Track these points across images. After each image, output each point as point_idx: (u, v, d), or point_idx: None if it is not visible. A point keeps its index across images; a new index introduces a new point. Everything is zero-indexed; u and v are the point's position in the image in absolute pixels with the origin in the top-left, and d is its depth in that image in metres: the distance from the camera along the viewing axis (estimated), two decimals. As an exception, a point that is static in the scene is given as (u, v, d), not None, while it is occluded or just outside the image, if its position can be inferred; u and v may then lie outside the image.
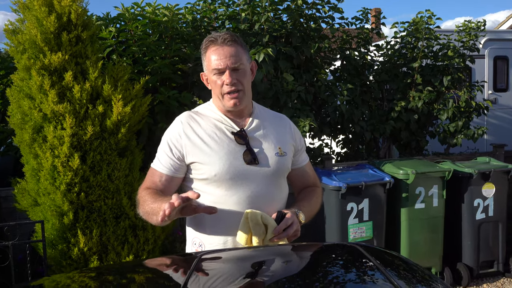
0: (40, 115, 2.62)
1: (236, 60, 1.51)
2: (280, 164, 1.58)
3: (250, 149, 1.53)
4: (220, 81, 1.51)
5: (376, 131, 4.21)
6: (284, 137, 1.65)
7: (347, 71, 4.38)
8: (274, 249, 1.21)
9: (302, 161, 1.74)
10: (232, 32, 1.58)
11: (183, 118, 1.58)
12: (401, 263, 1.06)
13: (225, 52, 1.50)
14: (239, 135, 1.54)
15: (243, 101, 1.55)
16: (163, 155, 1.55)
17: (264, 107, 1.75)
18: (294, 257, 1.14)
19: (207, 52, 1.54)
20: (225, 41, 1.51)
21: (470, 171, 3.49)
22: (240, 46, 1.54)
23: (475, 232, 3.58)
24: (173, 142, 1.54)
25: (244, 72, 1.54)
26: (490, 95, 6.74)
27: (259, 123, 1.61)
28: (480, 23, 4.58)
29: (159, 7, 3.66)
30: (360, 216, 3.26)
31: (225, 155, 1.50)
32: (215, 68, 1.51)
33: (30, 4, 2.76)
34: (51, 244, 2.62)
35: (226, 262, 1.10)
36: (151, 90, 3.32)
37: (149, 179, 1.57)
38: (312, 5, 4.10)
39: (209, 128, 1.55)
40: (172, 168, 1.53)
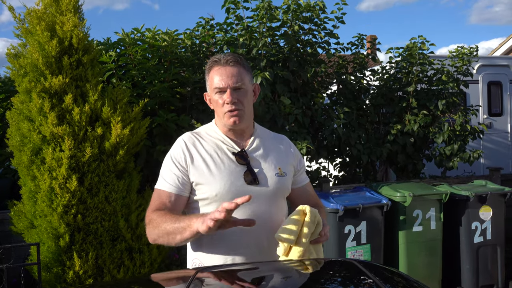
0: (39, 137, 2.63)
1: (238, 80, 1.54)
2: (280, 184, 1.59)
3: (250, 169, 1.54)
4: (221, 100, 1.54)
5: (373, 154, 4.24)
6: (284, 157, 1.67)
7: (344, 95, 4.45)
8: (272, 265, 1.21)
9: (302, 180, 1.76)
10: (236, 54, 1.63)
11: (185, 138, 1.60)
12: (401, 279, 1.06)
13: (227, 72, 1.53)
14: (240, 155, 1.56)
15: (243, 120, 1.57)
16: (169, 174, 1.55)
17: (265, 128, 1.78)
18: (293, 273, 1.14)
19: (210, 72, 1.58)
20: (228, 62, 1.55)
21: (467, 194, 3.50)
22: (243, 67, 1.58)
23: (474, 255, 3.56)
24: (177, 160, 1.55)
25: (246, 92, 1.57)
26: (485, 120, 6.82)
27: (260, 143, 1.64)
28: (473, 49, 4.69)
29: (159, 32, 3.74)
30: (358, 238, 3.24)
31: (226, 175, 1.51)
32: (216, 87, 1.54)
33: (32, 29, 2.82)
34: (46, 267, 2.59)
35: (224, 278, 1.09)
36: (150, 113, 3.36)
37: (157, 200, 1.54)
38: (309, 31, 4.20)
39: (210, 148, 1.57)
40: (180, 186, 1.53)
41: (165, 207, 1.51)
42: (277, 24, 4.12)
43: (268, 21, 3.98)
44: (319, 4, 4.09)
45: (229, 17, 4.07)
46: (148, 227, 1.50)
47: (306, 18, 4.11)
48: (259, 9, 3.98)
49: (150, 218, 1.49)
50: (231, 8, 4.04)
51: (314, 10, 4.12)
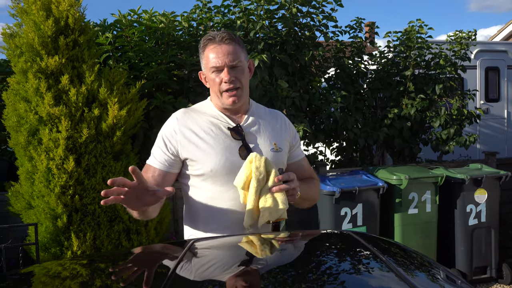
0: (36, 118, 2.62)
1: (234, 57, 1.52)
2: (276, 159, 1.58)
3: (246, 144, 1.54)
4: (218, 79, 1.53)
5: (370, 138, 4.25)
6: (280, 133, 1.66)
7: (341, 79, 4.44)
8: (268, 237, 1.22)
9: (297, 155, 1.76)
10: (230, 31, 1.61)
11: (178, 115, 1.59)
12: (398, 250, 1.08)
13: (223, 50, 1.51)
14: (235, 130, 1.56)
15: (242, 98, 1.57)
16: (158, 151, 1.56)
17: (261, 105, 1.77)
18: (289, 244, 1.15)
19: (205, 50, 1.56)
20: (223, 39, 1.52)
21: (462, 177, 3.53)
22: (238, 44, 1.56)
23: (468, 238, 3.61)
24: (168, 137, 1.55)
25: (242, 69, 1.56)
26: (482, 105, 6.84)
27: (255, 119, 1.63)
28: (471, 33, 4.67)
29: (156, 14, 3.70)
30: (354, 221, 3.28)
31: (221, 150, 1.51)
32: (213, 66, 1.52)
33: (28, 8, 2.78)
34: (44, 248, 2.61)
35: (218, 248, 1.10)
36: (147, 95, 3.34)
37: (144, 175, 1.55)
38: (307, 14, 4.17)
39: (204, 124, 1.56)
40: (166, 163, 1.54)
41: (150, 182, 1.50)
42: (275, 7, 4.09)
43: (266, 3, 3.95)
44: (317, -14, 4.06)
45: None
46: None
47: (304, 0, 4.08)
48: (257, -9, 3.94)
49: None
50: (229, -10, 4.00)
51: (312, -8, 4.08)
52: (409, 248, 1.12)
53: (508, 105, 7.13)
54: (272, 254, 1.06)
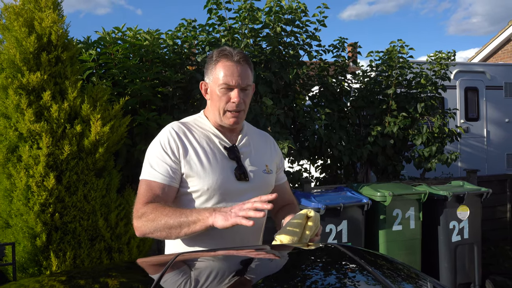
0: (16, 135, 2.57)
1: (247, 81, 1.53)
2: (267, 181, 1.61)
3: (241, 165, 1.54)
4: (226, 97, 1.51)
5: (354, 155, 4.29)
6: (270, 155, 1.68)
7: (325, 97, 4.49)
8: (255, 251, 1.20)
9: (281, 178, 1.78)
10: (246, 53, 1.61)
11: (175, 127, 1.54)
12: (385, 262, 1.07)
13: (239, 71, 1.50)
14: (231, 150, 1.55)
15: (242, 120, 1.58)
16: (159, 163, 1.47)
17: (249, 124, 1.76)
18: (277, 258, 1.14)
19: (218, 64, 1.52)
20: (240, 60, 1.51)
21: (445, 194, 3.57)
22: (250, 67, 1.56)
23: (452, 254, 3.63)
24: (169, 149, 1.48)
25: (249, 94, 1.57)
26: (462, 124, 6.99)
27: (249, 140, 1.63)
28: (450, 54, 4.80)
29: (140, 32, 3.71)
30: (339, 237, 3.27)
31: (219, 170, 1.49)
32: (225, 83, 1.50)
33: (10, 25, 2.76)
34: (22, 268, 2.53)
35: (203, 262, 1.08)
36: (131, 112, 3.32)
37: (148, 192, 1.45)
38: (291, 33, 4.23)
39: (202, 140, 1.53)
40: (173, 175, 1.47)
41: (159, 199, 1.44)
42: (259, 26, 4.15)
43: (250, 22, 4.00)
44: (301, 7, 4.14)
45: (211, 18, 4.07)
46: (139, 220, 1.41)
47: (288, 20, 4.15)
48: (241, 10, 4.00)
49: (143, 212, 1.40)
50: (213, 9, 4.04)
51: (296, 12, 4.16)
52: (396, 260, 1.12)
53: (488, 124, 7.30)
54: (260, 268, 1.04)
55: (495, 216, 4.79)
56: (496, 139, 7.33)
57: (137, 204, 1.46)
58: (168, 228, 1.35)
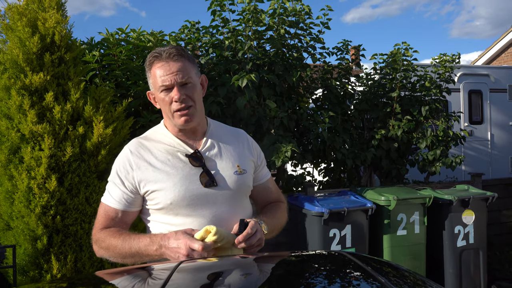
0: (18, 136, 2.55)
1: (184, 74, 1.42)
2: (240, 182, 1.49)
3: (206, 170, 1.44)
4: (168, 98, 1.42)
5: (358, 158, 4.26)
6: (243, 153, 1.57)
7: (329, 100, 4.46)
8: (260, 258, 1.18)
9: (263, 176, 1.67)
10: (178, 46, 1.50)
11: (131, 147, 1.49)
12: (391, 269, 1.04)
13: (172, 68, 1.41)
14: (194, 157, 1.46)
15: (195, 117, 1.47)
16: (115, 189, 1.45)
17: (220, 122, 1.67)
18: (282, 265, 1.11)
19: (152, 68, 1.45)
20: (170, 56, 1.42)
21: (450, 198, 3.53)
22: (188, 59, 1.46)
23: (457, 259, 3.59)
24: (123, 174, 1.44)
25: (194, 86, 1.45)
26: (466, 127, 6.96)
27: (215, 141, 1.53)
28: (455, 56, 4.77)
29: (144, 33, 3.69)
30: (343, 242, 3.23)
31: (180, 180, 1.41)
32: (162, 84, 1.42)
33: (13, 25, 2.74)
34: (22, 271, 2.50)
35: (208, 270, 1.05)
36: (134, 114, 3.30)
37: (104, 217, 1.46)
38: (294, 36, 4.21)
39: (160, 154, 1.46)
40: (126, 203, 1.44)
41: (114, 224, 1.43)
42: (263, 28, 4.13)
43: (254, 24, 3.97)
44: (305, 9, 4.11)
45: (215, 20, 4.05)
46: (94, 246, 1.45)
47: (292, 22, 4.13)
48: (245, 12, 3.98)
49: (97, 238, 1.42)
50: (217, 11, 4.02)
51: (300, 14, 4.13)
52: (402, 266, 1.09)
53: (491, 128, 7.26)
54: (266, 276, 1.01)
55: (500, 221, 4.74)
56: (500, 142, 7.30)
57: (94, 227, 1.48)
58: (121, 257, 1.38)
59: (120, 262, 1.40)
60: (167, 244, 1.26)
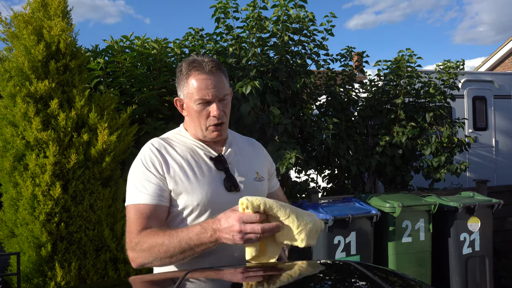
0: (23, 143, 2.56)
1: (224, 91, 1.44)
2: (260, 189, 1.51)
3: (230, 175, 1.44)
4: (205, 112, 1.43)
5: (362, 165, 4.24)
6: (259, 161, 1.60)
7: (332, 106, 4.46)
8: (271, 267, 1.16)
9: (274, 185, 1.70)
10: (216, 59, 1.50)
11: (155, 143, 1.47)
12: (397, 279, 1.03)
13: (213, 82, 1.41)
14: (218, 160, 1.46)
15: (225, 131, 1.51)
16: (145, 183, 1.38)
17: (234, 131, 1.69)
18: (290, 275, 1.09)
19: (189, 77, 1.44)
20: (212, 70, 1.42)
21: (455, 205, 3.50)
22: (223, 73, 1.47)
23: (463, 267, 3.55)
24: (152, 167, 1.40)
25: (229, 102, 1.49)
26: (471, 134, 6.93)
27: (235, 148, 1.55)
28: (459, 63, 4.76)
29: (148, 41, 3.71)
30: (347, 249, 3.21)
31: (207, 183, 1.40)
32: (201, 98, 1.41)
33: (19, 33, 2.76)
34: (26, 278, 2.49)
35: (216, 280, 1.04)
36: (138, 121, 3.30)
37: (139, 218, 1.34)
38: (298, 42, 4.21)
39: (186, 154, 1.45)
40: (161, 195, 1.38)
41: (152, 223, 1.33)
42: (267, 35, 4.14)
43: (258, 31, 3.99)
44: (308, 16, 4.12)
45: (219, 27, 4.07)
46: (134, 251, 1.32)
47: (296, 29, 4.14)
48: (249, 19, 3.99)
49: (137, 241, 1.31)
50: (221, 18, 4.04)
51: (303, 21, 4.14)
52: (408, 276, 1.07)
53: (496, 134, 7.23)
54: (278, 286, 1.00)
55: (506, 228, 4.70)
56: (505, 149, 7.26)
57: (129, 233, 1.36)
58: (169, 256, 1.27)
59: (167, 262, 1.29)
60: (220, 226, 1.19)
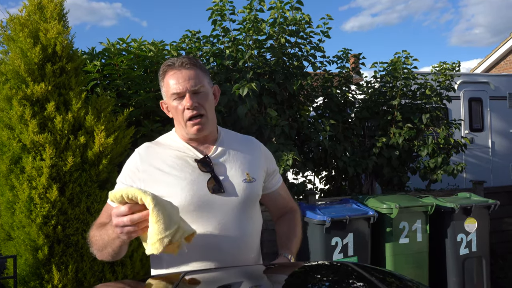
0: (19, 146, 2.55)
1: (196, 82, 1.42)
2: (249, 191, 1.47)
3: (215, 176, 1.42)
4: (180, 106, 1.42)
5: (359, 166, 4.25)
6: (254, 161, 1.55)
7: (329, 108, 4.47)
8: (264, 269, 1.16)
9: (275, 184, 1.66)
10: (191, 56, 1.50)
11: (141, 150, 1.49)
12: (394, 279, 1.04)
13: (184, 75, 1.42)
14: (203, 162, 1.44)
15: (207, 126, 1.46)
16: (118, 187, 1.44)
17: (232, 131, 1.67)
18: (287, 276, 1.09)
19: (165, 77, 1.46)
20: (183, 64, 1.43)
21: (452, 206, 3.51)
22: (200, 69, 1.46)
23: (460, 267, 3.56)
24: (130, 176, 1.44)
25: (206, 95, 1.45)
26: (467, 135, 6.95)
27: (225, 148, 1.52)
28: (455, 64, 4.78)
29: (145, 43, 3.71)
30: (345, 251, 3.21)
31: (188, 184, 1.39)
32: (174, 92, 1.41)
33: (15, 36, 2.76)
34: (23, 281, 2.48)
35: (213, 282, 1.04)
36: (135, 123, 3.30)
37: (102, 214, 1.43)
38: (295, 44, 4.23)
39: (169, 158, 1.45)
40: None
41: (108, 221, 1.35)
42: (264, 37, 4.15)
43: (254, 33, 4.00)
44: (305, 18, 4.14)
45: (215, 29, 4.08)
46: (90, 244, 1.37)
47: (292, 31, 4.15)
48: (246, 21, 4.00)
49: (90, 234, 1.38)
50: (218, 20, 4.05)
51: (300, 23, 4.15)
52: (406, 277, 1.08)
53: (492, 135, 7.26)
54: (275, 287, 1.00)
55: (503, 228, 4.72)
56: (501, 150, 7.28)
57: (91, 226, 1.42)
58: (100, 249, 1.31)
59: (105, 255, 1.32)
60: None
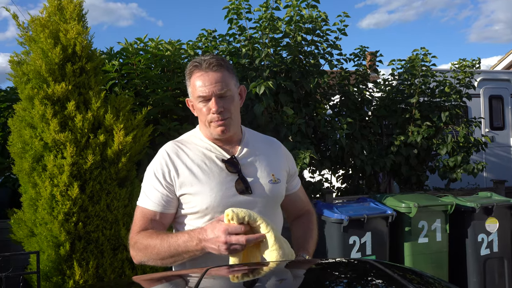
0: (41, 144, 2.61)
1: (222, 86, 1.41)
2: (275, 192, 1.48)
3: (242, 177, 1.42)
4: (206, 108, 1.42)
5: (376, 165, 4.21)
6: (277, 162, 1.56)
7: (346, 106, 4.44)
8: (287, 265, 1.16)
9: (295, 186, 1.66)
10: (218, 56, 1.48)
11: (168, 148, 1.48)
12: (415, 276, 1.02)
13: (211, 78, 1.40)
14: (230, 162, 1.44)
15: (231, 128, 1.46)
16: (152, 191, 1.43)
17: (254, 131, 1.67)
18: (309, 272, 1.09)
19: (191, 77, 1.46)
20: (210, 66, 1.41)
21: (472, 205, 3.45)
22: (227, 70, 1.45)
23: (481, 268, 3.50)
24: (160, 174, 1.43)
25: (232, 98, 1.45)
26: (487, 133, 6.82)
27: (250, 149, 1.52)
28: (475, 61, 4.69)
29: (162, 42, 3.74)
30: (363, 249, 3.19)
31: (217, 185, 1.40)
32: (200, 95, 1.42)
33: (36, 37, 2.81)
34: (46, 276, 2.54)
35: (237, 277, 1.04)
36: (153, 122, 3.34)
37: (141, 220, 1.42)
38: (311, 42, 4.21)
39: (197, 157, 1.45)
40: (165, 204, 1.42)
41: (152, 227, 1.40)
42: (280, 35, 4.14)
43: (270, 32, 3.99)
44: (321, 15, 4.11)
45: (231, 28, 4.09)
46: (132, 249, 1.39)
47: (309, 29, 4.13)
48: (262, 19, 4.00)
49: (135, 240, 1.38)
50: (234, 19, 4.06)
51: (316, 21, 4.13)
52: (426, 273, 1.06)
53: (513, 133, 7.10)
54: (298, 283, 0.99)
55: (524, 229, 4.61)
56: (522, 149, 7.12)
57: (131, 232, 1.43)
58: (160, 258, 1.33)
59: (160, 264, 1.35)
60: (206, 236, 1.23)
